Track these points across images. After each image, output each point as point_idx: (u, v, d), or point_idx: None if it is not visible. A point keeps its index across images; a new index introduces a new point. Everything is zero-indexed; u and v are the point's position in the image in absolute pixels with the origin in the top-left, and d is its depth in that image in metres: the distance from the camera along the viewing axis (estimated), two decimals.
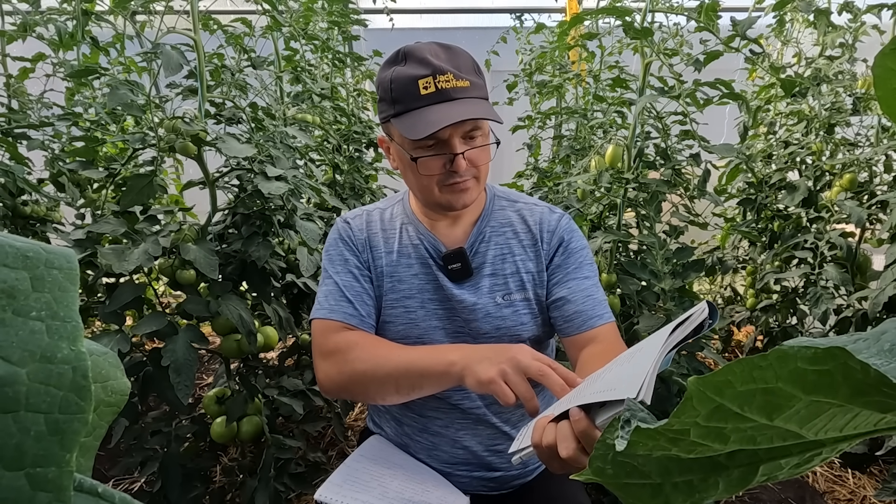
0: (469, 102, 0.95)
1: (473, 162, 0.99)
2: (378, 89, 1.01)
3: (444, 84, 0.93)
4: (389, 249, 1.11)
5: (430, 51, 0.96)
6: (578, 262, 1.11)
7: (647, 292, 1.62)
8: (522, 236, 1.12)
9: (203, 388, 2.67)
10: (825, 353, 0.20)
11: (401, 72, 0.95)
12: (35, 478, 0.16)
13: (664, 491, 0.28)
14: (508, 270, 1.09)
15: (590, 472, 0.28)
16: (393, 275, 1.10)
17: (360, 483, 0.97)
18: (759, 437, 0.24)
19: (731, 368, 0.22)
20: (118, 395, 0.25)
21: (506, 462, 1.12)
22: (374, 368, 0.96)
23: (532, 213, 1.14)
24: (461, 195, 1.01)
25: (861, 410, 0.22)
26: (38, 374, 0.17)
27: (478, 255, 1.10)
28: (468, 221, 1.12)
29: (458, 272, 1.08)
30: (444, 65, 0.94)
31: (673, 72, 1.52)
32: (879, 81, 0.26)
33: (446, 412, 1.10)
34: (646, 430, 0.25)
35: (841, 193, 2.17)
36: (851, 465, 2.13)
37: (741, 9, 2.98)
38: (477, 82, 0.97)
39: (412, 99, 0.94)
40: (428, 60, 0.94)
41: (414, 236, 1.11)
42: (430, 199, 1.03)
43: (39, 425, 0.17)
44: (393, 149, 1.05)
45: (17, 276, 0.18)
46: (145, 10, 1.48)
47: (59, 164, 1.85)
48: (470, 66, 0.98)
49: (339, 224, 1.16)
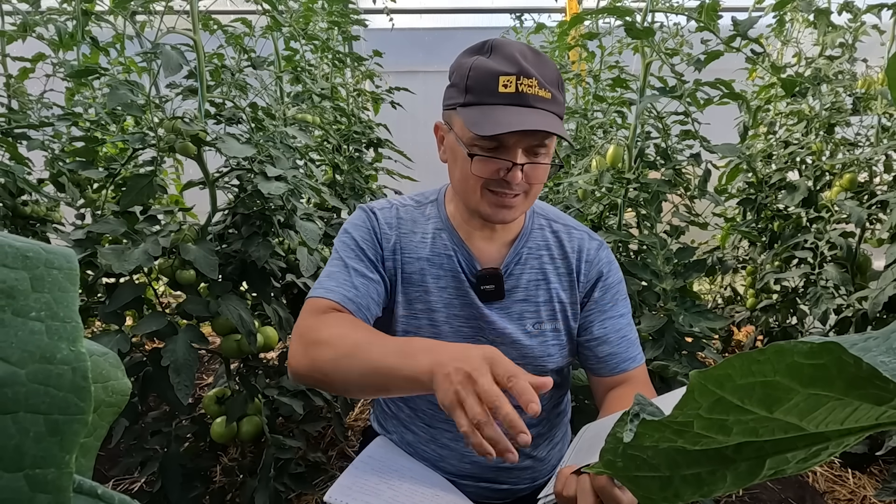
0: (546, 115, 0.88)
1: (529, 178, 0.92)
2: (452, 75, 0.94)
3: (525, 88, 0.87)
4: (420, 255, 1.03)
5: (520, 50, 0.89)
6: (615, 299, 1.07)
7: (647, 292, 1.62)
8: (559, 262, 1.06)
9: (203, 388, 2.67)
10: (820, 347, 0.21)
11: (483, 62, 0.89)
12: (34, 479, 0.16)
13: (673, 483, 0.29)
14: (542, 298, 1.04)
15: (601, 465, 0.29)
16: (422, 283, 1.02)
17: (369, 485, 0.95)
18: (760, 429, 0.25)
19: (731, 362, 0.23)
20: (119, 396, 0.25)
21: (514, 477, 1.10)
22: (340, 363, 0.84)
23: (571, 237, 1.07)
24: (504, 210, 0.94)
25: (859, 403, 0.23)
26: (38, 374, 0.17)
27: (512, 278, 1.03)
28: (506, 239, 1.05)
29: (489, 293, 1.02)
30: (532, 68, 0.88)
31: (673, 72, 1.51)
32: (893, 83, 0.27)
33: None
34: (652, 422, 0.26)
35: (841, 193, 2.17)
36: (851, 464, 2.13)
37: (741, 9, 2.98)
38: (558, 98, 0.91)
39: (488, 93, 0.87)
40: (516, 59, 0.88)
41: (448, 245, 1.03)
42: (471, 202, 0.96)
43: (39, 426, 0.16)
44: (448, 139, 0.97)
45: (16, 276, 0.18)
46: (145, 10, 1.48)
47: (59, 164, 1.85)
48: (555, 79, 0.92)
49: (362, 213, 1.06)
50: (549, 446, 1.13)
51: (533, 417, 0.73)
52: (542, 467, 1.12)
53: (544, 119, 0.87)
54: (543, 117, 0.87)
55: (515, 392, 0.68)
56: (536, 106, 0.88)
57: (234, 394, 1.60)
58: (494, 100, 0.87)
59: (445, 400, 0.71)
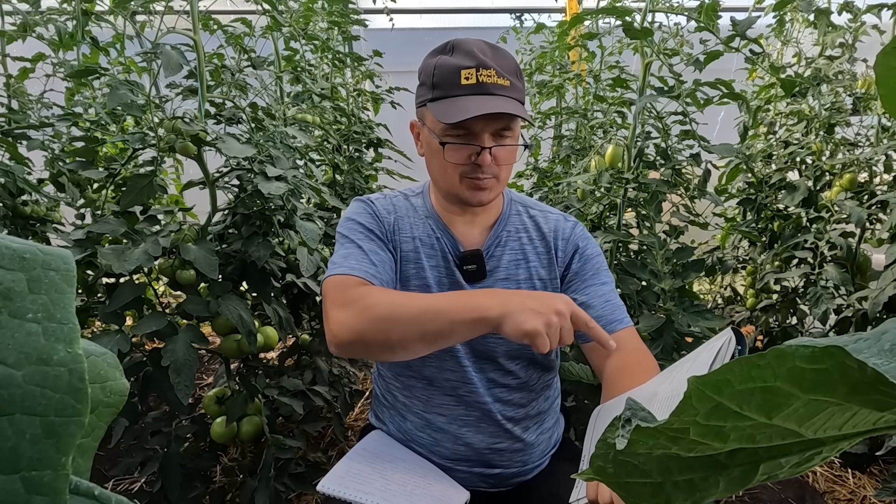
0: (506, 101, 0.97)
1: (498, 160, 1.01)
2: (420, 75, 1.03)
3: (485, 78, 0.96)
4: (414, 235, 1.12)
5: (478, 47, 0.99)
6: (595, 269, 1.13)
7: (647, 292, 1.62)
8: (537, 243, 1.14)
9: (203, 388, 2.67)
10: (822, 351, 0.20)
11: (446, 60, 0.98)
12: (30, 481, 0.16)
13: (665, 490, 0.28)
14: (522, 276, 1.11)
15: (591, 471, 0.28)
16: (417, 261, 1.10)
17: (362, 475, 0.97)
18: (758, 435, 0.24)
19: (730, 367, 0.22)
20: (117, 396, 0.25)
21: (505, 460, 1.13)
22: (397, 312, 0.89)
23: (547, 220, 1.16)
24: (480, 193, 1.02)
25: (859, 409, 0.22)
26: (34, 376, 0.17)
27: (493, 259, 1.11)
28: (485, 224, 1.13)
29: (472, 273, 1.09)
30: (489, 61, 0.97)
31: (673, 72, 1.51)
32: (882, 80, 0.26)
33: (451, 407, 1.11)
34: (646, 429, 0.25)
35: (841, 193, 2.17)
36: (851, 464, 2.13)
37: (741, 9, 2.98)
38: (517, 85, 1.00)
39: (452, 87, 0.96)
40: (474, 54, 0.97)
41: (434, 231, 1.12)
42: (450, 188, 1.04)
43: (35, 428, 0.16)
44: (423, 134, 1.06)
45: (13, 277, 0.18)
46: (145, 10, 1.48)
47: (59, 164, 1.84)
48: (512, 68, 1.00)
49: (360, 202, 1.14)
50: (539, 430, 1.16)
51: (612, 349, 0.87)
52: (532, 451, 1.15)
53: (504, 103, 0.96)
54: (503, 102, 0.96)
55: (595, 335, 0.85)
56: (496, 93, 0.97)
57: (234, 394, 1.60)
58: (459, 91, 0.96)
59: (528, 326, 0.81)
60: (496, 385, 1.11)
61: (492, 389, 1.11)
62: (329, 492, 0.92)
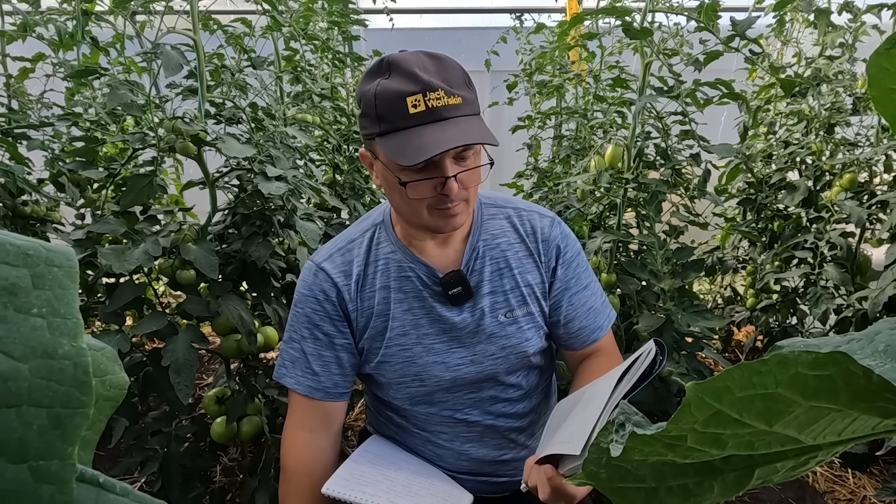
0: (462, 122, 0.87)
1: (464, 184, 0.92)
2: (360, 103, 0.91)
3: (434, 102, 0.84)
4: (379, 285, 1.03)
5: (418, 63, 0.86)
6: (577, 273, 1.09)
7: (646, 292, 1.62)
8: (517, 247, 1.06)
9: (203, 388, 2.67)
10: (826, 357, 0.20)
11: (386, 86, 0.85)
12: (38, 471, 0.16)
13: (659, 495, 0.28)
14: (508, 286, 1.04)
15: (584, 476, 0.28)
16: (385, 313, 1.03)
17: (366, 477, 0.97)
18: (757, 442, 0.24)
19: (731, 374, 0.21)
20: (116, 390, 0.25)
21: (511, 469, 1.11)
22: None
23: (521, 219, 1.08)
24: (451, 220, 0.94)
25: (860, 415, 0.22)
26: (40, 369, 0.17)
27: (474, 274, 1.04)
28: (458, 238, 1.05)
29: (458, 296, 1.02)
30: (434, 80, 0.85)
31: (673, 72, 1.52)
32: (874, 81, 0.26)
33: (451, 426, 1.08)
34: (641, 436, 0.25)
35: (841, 193, 2.17)
36: (851, 465, 2.13)
37: (741, 9, 2.98)
38: (468, 97, 0.89)
39: (399, 118, 0.85)
40: (416, 75, 0.84)
41: (404, 266, 1.03)
42: (418, 222, 0.96)
43: (42, 419, 0.17)
44: (376, 167, 0.96)
45: (17, 273, 0.18)
46: (145, 10, 1.48)
47: (59, 164, 1.84)
48: (461, 79, 0.90)
49: (311, 273, 1.05)
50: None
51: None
52: None
53: (462, 128, 0.86)
54: (461, 126, 0.86)
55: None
56: (449, 116, 0.86)
57: (234, 394, 1.60)
58: (408, 122, 0.85)
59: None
60: (498, 401, 1.08)
61: (494, 406, 1.08)
62: (334, 494, 0.91)
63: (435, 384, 1.04)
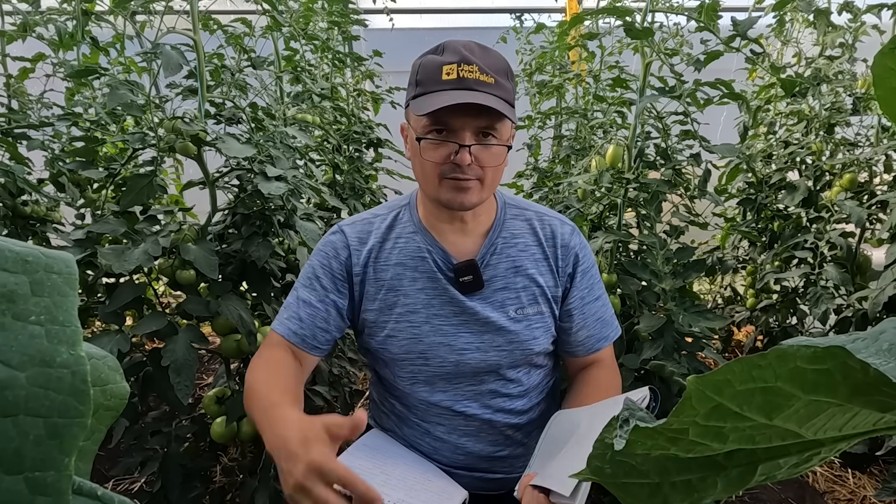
0: (486, 96, 0.92)
1: (479, 161, 0.96)
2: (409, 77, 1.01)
3: (466, 73, 0.92)
4: (395, 261, 1.07)
5: (467, 46, 0.96)
6: (590, 284, 1.12)
7: (647, 292, 1.62)
8: (534, 249, 1.09)
9: (203, 388, 2.67)
10: (825, 352, 0.20)
11: (431, 58, 0.96)
12: (34, 482, 0.16)
13: (662, 490, 0.28)
14: (520, 284, 1.07)
15: (588, 471, 0.28)
16: (398, 288, 1.06)
17: (362, 470, 0.97)
18: (757, 436, 0.24)
19: (731, 368, 0.22)
20: (117, 400, 0.25)
21: (507, 466, 1.12)
22: (249, 411, 1.00)
23: (542, 224, 1.11)
24: (461, 194, 0.97)
25: (860, 410, 0.22)
26: (38, 378, 0.17)
27: (489, 268, 1.06)
28: (479, 232, 1.08)
29: (468, 285, 1.05)
30: (473, 57, 0.93)
31: (673, 72, 1.51)
32: (879, 80, 0.26)
33: (450, 418, 1.09)
34: (644, 430, 0.25)
35: (841, 193, 2.17)
36: (851, 464, 2.13)
37: (741, 9, 2.98)
38: (504, 84, 0.95)
39: (433, 82, 0.93)
40: (459, 50, 0.94)
41: (422, 247, 1.06)
42: (432, 191, 1.00)
43: (39, 429, 0.17)
44: (409, 135, 1.03)
45: (16, 280, 0.18)
46: (145, 10, 1.48)
47: (59, 164, 1.84)
48: (501, 69, 0.96)
49: (331, 233, 1.12)
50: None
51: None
52: None
53: (485, 98, 0.91)
54: (484, 97, 0.91)
55: (357, 494, 0.73)
56: (478, 89, 0.92)
57: (234, 394, 1.60)
58: (439, 87, 0.93)
59: (285, 494, 0.76)
60: (498, 395, 1.09)
61: (493, 400, 1.09)
62: None
63: (438, 365, 1.06)
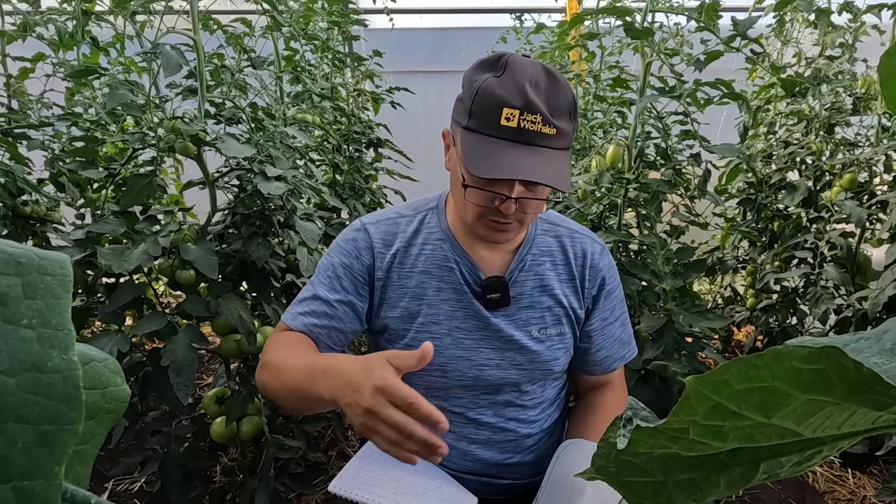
0: (546, 155, 0.85)
1: (523, 208, 0.92)
2: (463, 85, 0.92)
3: (528, 125, 0.83)
4: (421, 268, 1.03)
5: (532, 76, 0.85)
6: (613, 305, 1.10)
7: (647, 292, 1.61)
8: (561, 269, 1.06)
9: (203, 388, 2.67)
10: (819, 352, 0.20)
11: (491, 85, 0.85)
12: (22, 491, 0.16)
13: (666, 489, 0.28)
14: (546, 304, 1.05)
15: (593, 470, 0.29)
16: (423, 297, 1.02)
17: (373, 476, 0.97)
18: (757, 435, 0.25)
19: (728, 368, 0.22)
20: (117, 402, 0.25)
21: (515, 473, 1.10)
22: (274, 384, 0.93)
23: (574, 242, 1.08)
24: (500, 234, 0.95)
25: (857, 409, 0.23)
26: (28, 383, 0.17)
27: (516, 285, 1.04)
28: (509, 248, 1.05)
29: (495, 301, 1.02)
30: (538, 101, 0.84)
31: (673, 72, 1.51)
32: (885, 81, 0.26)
33: (461, 425, 1.07)
34: (646, 429, 0.25)
35: (841, 193, 2.17)
36: (851, 465, 2.13)
37: (741, 9, 2.98)
38: (564, 130, 0.87)
39: (489, 124, 0.85)
40: (523, 88, 0.83)
41: (450, 257, 1.02)
42: (468, 220, 0.96)
43: (28, 437, 0.16)
44: (452, 152, 0.97)
45: (8, 282, 0.18)
46: (145, 10, 1.48)
47: (59, 164, 1.84)
48: (566, 108, 0.88)
49: (354, 229, 1.06)
50: (550, 440, 1.14)
51: (444, 431, 0.73)
52: (544, 463, 1.12)
53: (542, 162, 0.84)
54: (542, 160, 0.85)
55: (420, 417, 0.71)
56: (537, 144, 0.85)
57: (234, 394, 1.60)
58: (495, 133, 0.84)
59: (356, 428, 0.74)
60: (513, 406, 1.07)
61: (507, 409, 1.07)
62: (341, 493, 0.91)
63: (456, 379, 1.04)
